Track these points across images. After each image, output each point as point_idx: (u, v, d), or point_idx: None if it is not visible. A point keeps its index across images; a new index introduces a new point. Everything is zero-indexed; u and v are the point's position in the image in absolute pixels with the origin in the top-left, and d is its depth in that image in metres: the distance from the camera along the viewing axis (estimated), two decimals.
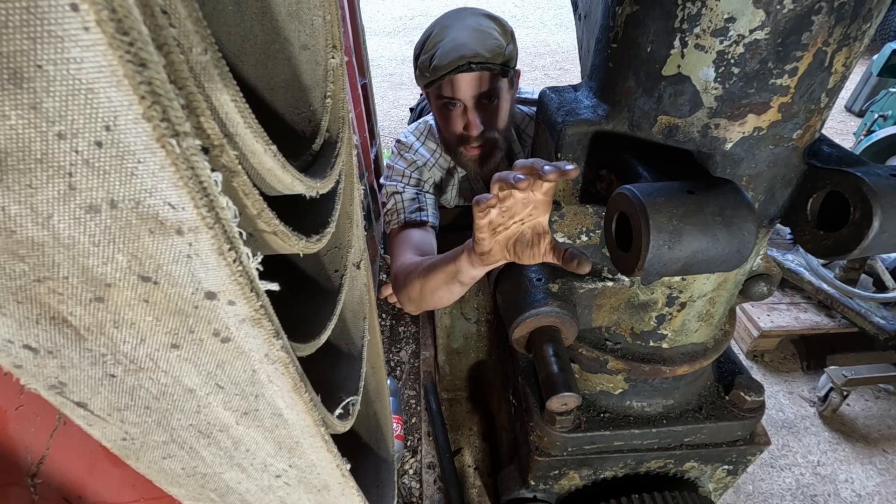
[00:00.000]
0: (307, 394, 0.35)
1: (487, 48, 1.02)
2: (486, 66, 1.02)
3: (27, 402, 0.40)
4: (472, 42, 1.03)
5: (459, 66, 1.02)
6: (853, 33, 0.43)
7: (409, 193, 1.22)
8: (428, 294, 0.86)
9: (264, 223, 0.27)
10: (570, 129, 0.56)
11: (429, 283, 0.84)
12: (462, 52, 1.02)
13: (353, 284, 0.56)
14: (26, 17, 0.16)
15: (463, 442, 1.43)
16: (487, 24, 1.07)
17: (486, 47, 1.02)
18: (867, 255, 0.60)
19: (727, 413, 0.77)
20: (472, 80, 1.05)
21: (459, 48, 1.02)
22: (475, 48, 1.02)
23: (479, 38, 1.03)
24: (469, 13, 1.09)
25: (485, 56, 1.02)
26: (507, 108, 1.14)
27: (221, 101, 0.22)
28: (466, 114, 1.11)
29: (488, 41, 1.03)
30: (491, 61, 1.02)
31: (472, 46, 1.02)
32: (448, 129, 1.17)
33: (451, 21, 1.08)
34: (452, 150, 1.21)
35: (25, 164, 0.19)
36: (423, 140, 1.30)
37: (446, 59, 1.02)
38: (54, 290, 0.24)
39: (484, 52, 1.02)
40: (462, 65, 1.02)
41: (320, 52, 0.40)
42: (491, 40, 1.04)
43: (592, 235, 0.65)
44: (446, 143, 1.22)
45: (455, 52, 1.02)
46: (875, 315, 1.64)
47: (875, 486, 1.52)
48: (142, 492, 0.54)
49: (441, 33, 1.07)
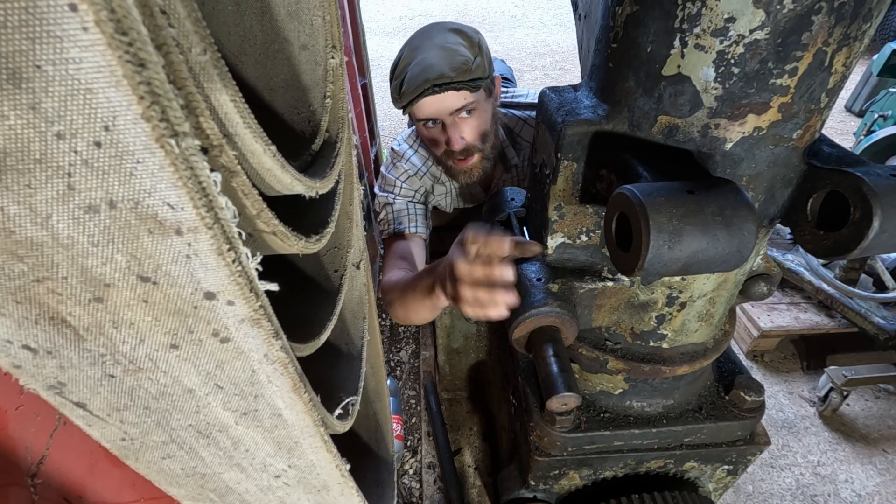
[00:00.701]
0: (307, 394, 0.35)
1: (453, 66, 1.03)
2: (451, 86, 1.04)
3: (27, 402, 0.40)
4: (438, 62, 1.04)
5: (425, 89, 1.03)
6: (853, 33, 0.43)
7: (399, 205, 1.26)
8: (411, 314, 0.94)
9: (264, 223, 0.27)
10: (570, 129, 0.56)
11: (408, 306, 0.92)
12: (427, 74, 1.03)
13: (353, 284, 0.56)
14: (25, 17, 0.16)
15: (463, 442, 1.43)
16: (454, 40, 1.08)
17: (451, 66, 1.03)
18: (867, 255, 0.60)
19: (727, 413, 0.77)
20: (442, 101, 1.06)
21: (425, 71, 1.03)
22: (440, 69, 1.03)
23: (445, 57, 1.04)
24: (437, 30, 1.10)
25: (450, 76, 1.03)
26: (487, 117, 1.15)
27: (220, 102, 0.22)
28: (446, 130, 1.12)
29: (454, 59, 1.04)
30: (457, 79, 1.03)
31: (438, 67, 1.03)
32: (433, 147, 1.20)
33: (420, 41, 1.09)
34: (443, 164, 1.23)
35: (24, 165, 0.19)
36: (415, 148, 1.31)
37: (413, 85, 1.04)
38: (53, 290, 0.24)
39: (449, 71, 1.03)
40: (427, 88, 1.03)
41: (320, 53, 0.40)
42: (457, 57, 1.04)
43: (592, 235, 0.65)
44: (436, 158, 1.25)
45: (421, 76, 1.03)
46: (875, 315, 1.64)
47: (875, 486, 1.52)
48: (142, 492, 0.54)
49: (410, 55, 1.08)
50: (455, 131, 1.11)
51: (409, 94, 1.05)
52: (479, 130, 1.15)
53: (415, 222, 1.25)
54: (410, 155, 1.30)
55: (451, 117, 1.10)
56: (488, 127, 1.17)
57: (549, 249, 0.68)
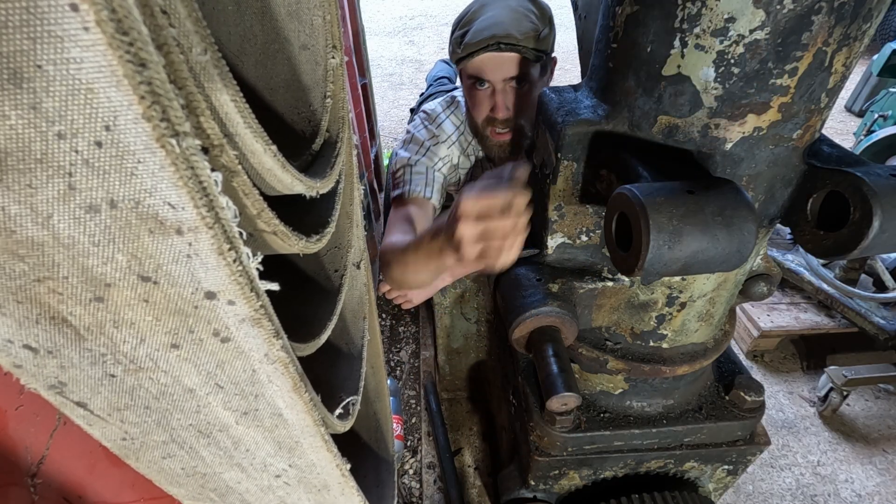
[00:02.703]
0: (307, 394, 0.35)
1: (521, 30, 1.00)
2: (516, 48, 1.00)
3: (27, 402, 0.40)
4: (507, 22, 1.00)
5: (489, 44, 1.00)
6: (853, 33, 0.43)
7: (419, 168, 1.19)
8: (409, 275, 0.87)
9: (264, 223, 0.27)
10: (570, 129, 0.56)
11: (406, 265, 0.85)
12: (494, 31, 0.99)
13: (353, 284, 0.56)
14: (26, 17, 0.16)
15: (463, 442, 1.43)
16: (526, 7, 1.05)
17: (519, 29, 1.00)
18: (867, 255, 0.60)
19: (727, 413, 0.77)
20: (501, 61, 1.03)
21: (493, 27, 1.00)
22: (508, 29, 0.99)
23: (515, 19, 1.01)
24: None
25: (517, 38, 0.99)
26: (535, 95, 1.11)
27: (221, 101, 0.22)
28: (494, 96, 1.08)
29: (524, 23, 1.01)
30: (522, 44, 1.00)
31: (506, 27, 1.00)
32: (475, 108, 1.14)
33: None
34: (479, 134, 1.18)
35: (25, 164, 0.19)
36: (448, 114, 1.25)
37: (478, 37, 1.00)
38: (54, 289, 0.24)
39: (517, 33, 0.99)
40: (492, 44, 1.00)
41: (320, 52, 0.40)
42: (527, 22, 1.01)
43: (592, 235, 0.65)
44: (473, 124, 1.19)
45: (487, 31, 1.00)
46: (875, 315, 1.64)
47: (875, 486, 1.52)
48: (142, 492, 0.54)
49: (479, 11, 1.05)
50: (504, 98, 1.07)
51: (473, 46, 1.01)
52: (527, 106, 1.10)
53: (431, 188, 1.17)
54: (444, 119, 1.24)
55: (504, 83, 1.06)
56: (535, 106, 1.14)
57: (549, 249, 0.68)
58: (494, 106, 1.09)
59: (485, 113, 1.12)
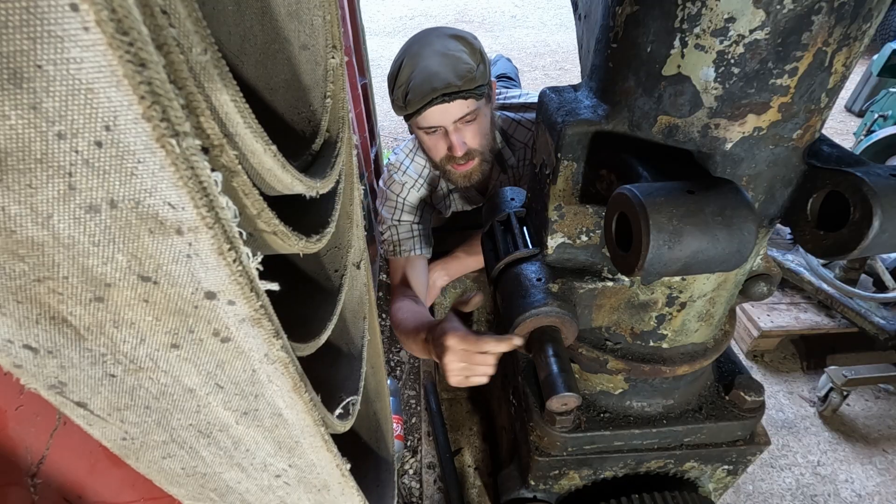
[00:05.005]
0: (307, 394, 0.35)
1: (458, 74, 1.02)
2: (459, 94, 1.03)
3: (27, 402, 0.40)
4: (443, 71, 1.02)
5: (433, 98, 1.03)
6: (853, 33, 0.43)
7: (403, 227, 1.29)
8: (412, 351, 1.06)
9: (264, 223, 0.27)
10: (570, 129, 0.56)
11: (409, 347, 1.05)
12: (434, 83, 1.02)
13: (353, 284, 0.56)
14: (26, 17, 0.16)
15: (463, 442, 1.43)
16: (455, 47, 1.06)
17: (457, 74, 1.02)
18: (867, 255, 0.60)
19: (727, 413, 0.77)
20: (448, 109, 1.06)
21: (431, 79, 1.02)
22: (447, 77, 1.02)
23: (449, 65, 1.03)
24: (435, 36, 1.09)
25: (457, 85, 1.02)
26: (486, 122, 1.16)
27: (221, 101, 0.22)
28: (448, 136, 1.12)
29: (459, 66, 1.03)
30: (464, 88, 1.03)
31: (444, 76, 1.02)
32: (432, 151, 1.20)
33: (419, 48, 1.07)
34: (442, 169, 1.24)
35: (25, 164, 0.19)
36: (412, 156, 1.32)
37: (419, 93, 1.03)
38: (54, 289, 0.24)
39: (456, 80, 1.02)
40: (435, 98, 1.02)
41: (320, 52, 0.40)
42: (461, 65, 1.04)
43: (592, 235, 0.65)
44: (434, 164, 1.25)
45: (427, 85, 1.02)
46: (875, 315, 1.64)
47: (875, 486, 1.52)
48: (142, 492, 0.54)
49: (411, 63, 1.06)
50: (458, 137, 1.11)
51: (417, 103, 1.04)
52: (481, 135, 1.15)
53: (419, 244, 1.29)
54: (407, 165, 1.31)
55: (455, 124, 1.09)
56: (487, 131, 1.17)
57: (549, 249, 0.68)
58: (451, 146, 1.13)
59: (443, 153, 1.17)
